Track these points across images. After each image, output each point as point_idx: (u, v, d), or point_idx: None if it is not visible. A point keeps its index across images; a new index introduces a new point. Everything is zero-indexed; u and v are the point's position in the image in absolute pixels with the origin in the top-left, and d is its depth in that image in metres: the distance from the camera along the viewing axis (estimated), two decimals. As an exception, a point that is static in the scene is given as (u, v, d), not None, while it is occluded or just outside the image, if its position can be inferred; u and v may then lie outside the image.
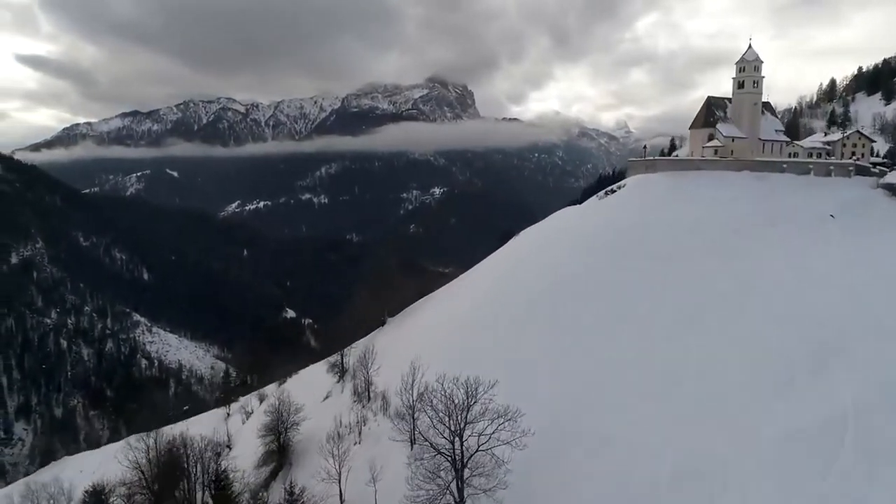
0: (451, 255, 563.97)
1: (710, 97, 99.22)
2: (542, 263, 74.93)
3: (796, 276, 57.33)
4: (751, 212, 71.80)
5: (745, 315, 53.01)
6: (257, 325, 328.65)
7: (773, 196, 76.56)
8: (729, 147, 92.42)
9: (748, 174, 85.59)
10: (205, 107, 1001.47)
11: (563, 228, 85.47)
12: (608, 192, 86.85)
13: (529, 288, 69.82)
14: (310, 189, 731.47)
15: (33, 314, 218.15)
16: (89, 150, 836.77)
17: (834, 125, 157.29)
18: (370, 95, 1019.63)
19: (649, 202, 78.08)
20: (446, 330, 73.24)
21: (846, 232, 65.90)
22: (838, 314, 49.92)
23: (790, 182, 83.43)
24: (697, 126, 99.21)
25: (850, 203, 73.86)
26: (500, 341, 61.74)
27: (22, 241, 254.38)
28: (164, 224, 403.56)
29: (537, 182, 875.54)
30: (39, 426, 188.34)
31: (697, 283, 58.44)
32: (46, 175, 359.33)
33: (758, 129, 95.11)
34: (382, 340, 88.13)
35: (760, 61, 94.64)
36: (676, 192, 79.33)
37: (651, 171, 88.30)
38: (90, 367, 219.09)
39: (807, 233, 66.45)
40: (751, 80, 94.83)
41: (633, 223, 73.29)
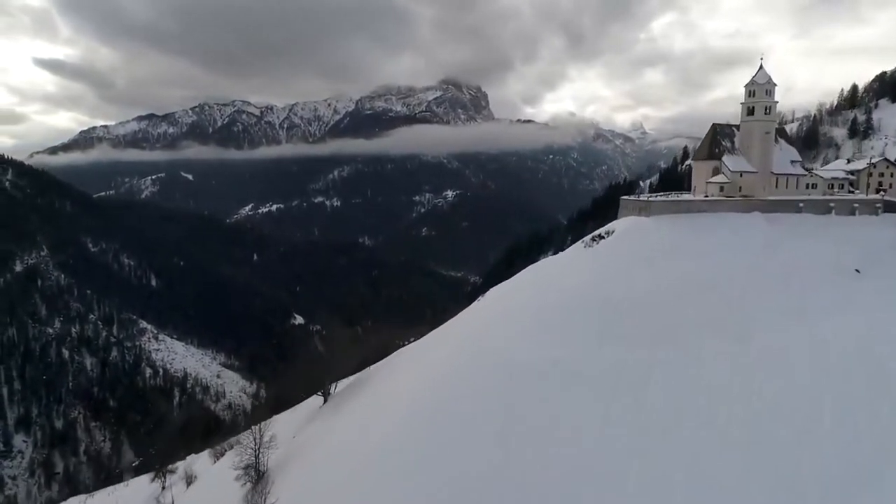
0: (463, 259, 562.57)
1: (716, 125, 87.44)
2: (499, 349, 53.24)
3: (813, 365, 45.81)
4: (760, 266, 61.35)
5: (750, 425, 41.11)
6: (265, 331, 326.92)
7: (788, 244, 66.04)
8: (736, 183, 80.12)
9: (759, 216, 74.72)
10: (219, 109, 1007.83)
11: (533, 294, 66.10)
12: (595, 239, 73.64)
13: (478, 389, 48.27)
14: (322, 192, 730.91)
15: (35, 323, 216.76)
16: (106, 152, 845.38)
17: (856, 135, 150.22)
18: (384, 97, 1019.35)
19: (639, 255, 64.47)
20: (372, 448, 48.95)
21: (875, 292, 56.45)
22: (871, 423, 39.14)
23: (808, 224, 72.85)
24: (701, 158, 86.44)
25: (879, 250, 64.77)
26: (433, 469, 41.27)
27: (27, 248, 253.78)
28: (174, 228, 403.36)
29: (552, 184, 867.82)
30: (39, 438, 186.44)
31: (690, 377, 45.68)
32: (57, 180, 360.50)
33: (770, 162, 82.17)
34: (309, 435, 64.02)
35: (773, 84, 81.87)
36: (673, 241, 66.74)
37: (644, 214, 74.25)
38: (93, 377, 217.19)
39: (828, 293, 56.39)
40: (762, 106, 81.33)
41: (617, 288, 58.57)
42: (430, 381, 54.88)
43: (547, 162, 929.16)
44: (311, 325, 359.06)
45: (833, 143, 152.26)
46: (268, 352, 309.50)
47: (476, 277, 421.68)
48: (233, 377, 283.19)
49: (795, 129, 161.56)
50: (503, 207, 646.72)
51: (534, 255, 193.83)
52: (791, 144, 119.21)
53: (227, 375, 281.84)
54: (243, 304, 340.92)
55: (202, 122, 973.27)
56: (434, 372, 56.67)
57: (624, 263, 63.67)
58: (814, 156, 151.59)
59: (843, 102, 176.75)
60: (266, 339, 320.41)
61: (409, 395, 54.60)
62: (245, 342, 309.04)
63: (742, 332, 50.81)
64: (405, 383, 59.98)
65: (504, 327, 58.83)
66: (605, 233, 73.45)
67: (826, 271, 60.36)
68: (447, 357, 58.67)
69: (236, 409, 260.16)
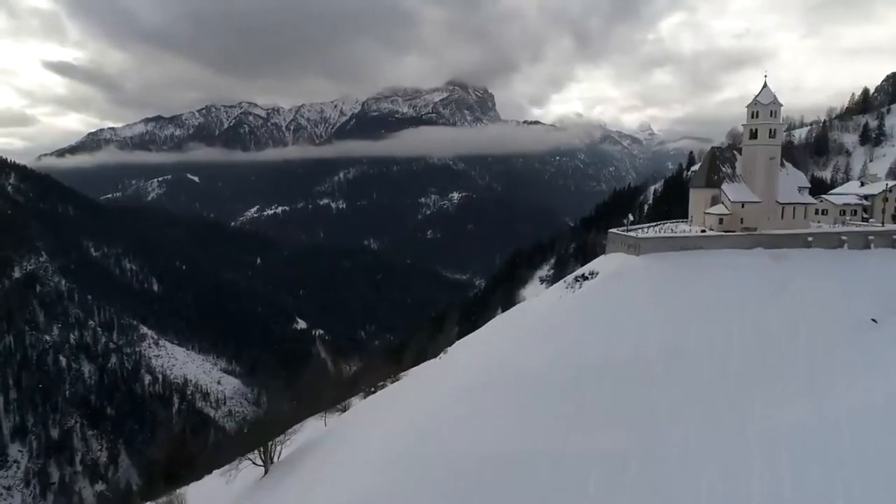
0: (469, 261, 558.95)
1: (714, 149, 79.01)
2: (443, 438, 43.81)
3: (822, 459, 36.52)
4: (763, 320, 52.64)
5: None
6: (266, 336, 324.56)
7: (795, 287, 57.55)
8: (738, 214, 71.77)
9: (762, 252, 66.40)
10: (226, 111, 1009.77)
11: (497, 360, 54.96)
12: (578, 279, 65.28)
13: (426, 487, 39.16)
14: (328, 194, 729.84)
15: (33, 330, 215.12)
16: (113, 155, 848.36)
17: (867, 141, 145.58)
18: (390, 99, 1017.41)
19: (624, 308, 54.85)
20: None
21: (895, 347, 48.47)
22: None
23: (817, 261, 64.78)
24: (698, 185, 77.79)
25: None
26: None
27: (26, 253, 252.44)
28: (176, 232, 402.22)
29: (558, 186, 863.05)
30: (35, 448, 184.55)
31: (670, 474, 36.59)
32: (59, 184, 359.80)
33: (775, 190, 73.76)
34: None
35: (778, 104, 73.50)
36: (664, 288, 57.71)
37: (633, 253, 65.89)
38: (91, 385, 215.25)
39: (840, 351, 48.31)
40: (766, 129, 72.95)
41: (594, 355, 48.95)
42: (368, 468, 45.17)
43: (554, 163, 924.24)
44: (313, 329, 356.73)
45: (843, 149, 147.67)
46: (269, 357, 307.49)
47: (481, 280, 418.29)
48: (233, 383, 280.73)
49: (805, 135, 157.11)
50: (509, 209, 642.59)
51: (536, 262, 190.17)
52: (798, 164, 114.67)
53: (228, 381, 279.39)
54: (245, 309, 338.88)
55: (209, 123, 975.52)
56: (374, 454, 47.86)
57: (605, 320, 53.99)
58: (824, 162, 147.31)
59: (854, 107, 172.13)
60: (268, 344, 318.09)
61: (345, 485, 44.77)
62: (246, 347, 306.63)
63: (738, 411, 42.44)
64: (340, 470, 49.54)
65: (456, 407, 48.06)
66: (589, 273, 66.01)
67: (838, 322, 52.51)
68: (385, 445, 48.71)
69: (236, 415, 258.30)
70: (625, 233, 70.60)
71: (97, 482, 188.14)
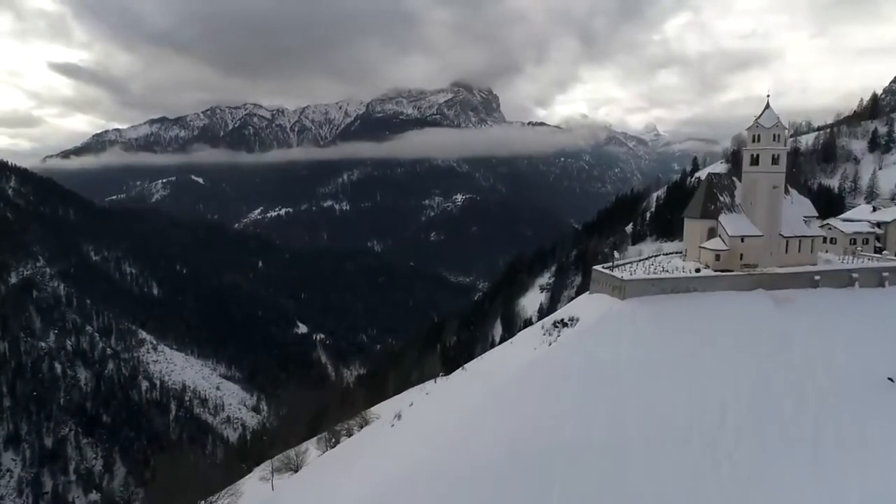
0: (472, 264, 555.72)
1: (712, 175, 72.54)
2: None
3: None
4: (763, 382, 45.67)
5: None
6: (267, 340, 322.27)
7: (800, 338, 50.48)
8: (737, 250, 64.45)
9: (763, 295, 59.15)
10: (231, 112, 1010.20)
11: (454, 433, 47.80)
12: (557, 325, 58.97)
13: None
14: (332, 196, 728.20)
15: (28, 337, 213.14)
16: (118, 156, 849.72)
17: (876, 148, 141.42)
18: (394, 100, 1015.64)
19: (603, 366, 48.42)
20: None
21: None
22: None
23: (825, 304, 58.01)
24: (693, 216, 70.16)
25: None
26: None
27: (24, 258, 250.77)
28: (178, 235, 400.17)
29: (563, 187, 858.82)
30: (28, 457, 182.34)
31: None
32: (61, 187, 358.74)
33: (779, 222, 66.32)
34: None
35: (783, 127, 66.56)
36: (649, 339, 50.93)
37: (619, 296, 58.77)
38: (87, 392, 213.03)
39: (852, 419, 41.86)
40: (768, 155, 65.24)
41: (564, 431, 42.11)
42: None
43: (558, 165, 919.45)
44: (314, 333, 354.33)
45: (852, 156, 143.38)
46: (269, 362, 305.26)
47: (484, 283, 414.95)
48: (233, 389, 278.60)
49: (812, 141, 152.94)
50: (513, 211, 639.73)
51: (536, 269, 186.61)
52: (805, 171, 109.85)
53: (227, 387, 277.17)
54: (246, 313, 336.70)
55: (213, 125, 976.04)
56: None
57: (580, 386, 46.76)
58: (831, 169, 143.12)
59: (863, 112, 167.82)
60: (268, 349, 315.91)
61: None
62: (246, 352, 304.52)
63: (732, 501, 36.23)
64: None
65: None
66: (569, 319, 59.68)
67: (850, 384, 45.93)
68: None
69: (234, 422, 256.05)
70: (610, 272, 62.89)
71: (91, 491, 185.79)
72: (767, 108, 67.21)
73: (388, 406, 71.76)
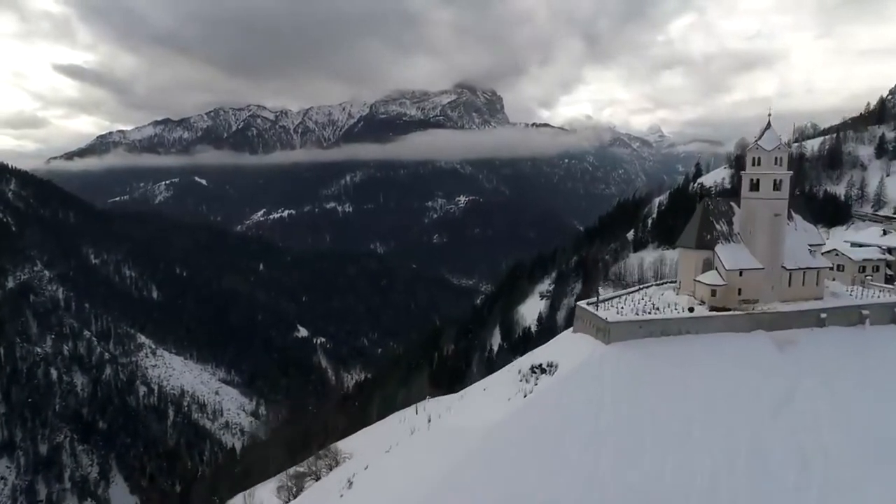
0: (475, 266, 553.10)
1: (707, 201, 66.24)
2: None
3: None
4: (761, 448, 40.02)
5: None
6: (267, 344, 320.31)
7: (803, 393, 44.85)
8: (735, 285, 58.17)
9: (765, 337, 53.15)
10: (234, 114, 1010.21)
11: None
12: (535, 371, 53.48)
13: None
14: (334, 197, 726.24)
15: (24, 342, 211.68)
16: (121, 158, 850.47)
17: (884, 154, 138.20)
18: (398, 101, 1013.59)
19: (581, 428, 42.97)
20: None
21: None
22: None
23: (832, 347, 52.32)
24: (687, 245, 63.98)
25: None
26: None
27: (21, 263, 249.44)
28: (179, 238, 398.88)
29: (567, 189, 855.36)
30: (23, 464, 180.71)
31: None
32: (61, 190, 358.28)
33: (781, 253, 60.20)
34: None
35: (786, 149, 61.37)
36: (634, 394, 45.40)
37: (603, 339, 52.75)
38: (83, 398, 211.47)
39: (867, 485, 36.85)
40: (770, 180, 59.31)
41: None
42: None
43: (562, 166, 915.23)
44: (315, 337, 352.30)
45: (858, 162, 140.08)
46: (269, 367, 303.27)
47: (487, 285, 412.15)
48: (231, 393, 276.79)
49: (817, 146, 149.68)
50: (517, 213, 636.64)
51: (537, 276, 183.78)
52: (810, 178, 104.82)
53: (226, 392, 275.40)
54: (246, 316, 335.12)
55: (217, 126, 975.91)
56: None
57: (554, 453, 41.30)
58: (837, 176, 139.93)
59: (869, 116, 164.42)
60: (268, 353, 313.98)
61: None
62: (246, 356, 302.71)
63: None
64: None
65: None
66: (547, 365, 54.28)
67: (861, 444, 40.45)
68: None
69: (233, 427, 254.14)
70: (594, 311, 56.79)
71: (86, 499, 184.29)
72: (769, 128, 62.42)
73: (366, 437, 67.94)
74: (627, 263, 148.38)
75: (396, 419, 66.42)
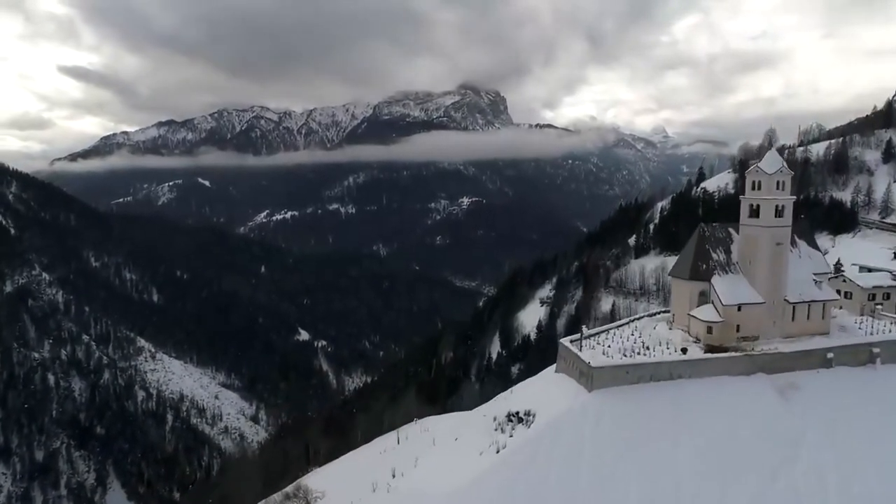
0: (477, 268, 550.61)
1: (703, 227, 59.73)
2: None
3: None
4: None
5: None
6: (267, 348, 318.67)
7: (808, 449, 40.28)
8: (732, 321, 53.23)
9: (765, 381, 48.32)
10: (238, 115, 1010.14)
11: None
12: (512, 419, 48.91)
13: None
14: (337, 199, 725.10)
15: (21, 347, 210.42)
16: (125, 159, 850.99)
17: (891, 159, 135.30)
18: (402, 102, 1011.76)
19: (556, 490, 39.03)
20: None
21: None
22: None
23: (841, 390, 47.71)
24: (681, 275, 58.97)
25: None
26: None
27: (19, 266, 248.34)
28: (180, 240, 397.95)
29: (571, 190, 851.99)
30: (18, 470, 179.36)
31: None
32: (62, 192, 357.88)
33: (783, 285, 55.01)
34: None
35: (788, 173, 56.02)
36: (620, 453, 40.48)
37: (586, 385, 47.98)
38: (81, 403, 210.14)
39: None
40: (771, 207, 54.31)
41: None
42: None
43: (566, 167, 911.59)
44: (316, 340, 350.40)
45: (865, 167, 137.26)
46: (269, 370, 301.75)
47: (489, 287, 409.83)
48: (231, 397, 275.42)
49: (822, 151, 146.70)
50: (520, 215, 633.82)
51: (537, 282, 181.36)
52: (815, 184, 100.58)
53: (226, 396, 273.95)
54: (247, 319, 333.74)
55: (221, 127, 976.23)
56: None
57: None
58: (843, 181, 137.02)
59: (876, 118, 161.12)
60: (268, 357, 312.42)
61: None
62: (246, 360, 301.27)
63: None
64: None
65: None
66: (524, 413, 49.37)
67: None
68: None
69: (233, 432, 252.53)
70: (577, 351, 51.74)
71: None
72: (770, 150, 59.15)
73: (345, 467, 64.99)
74: (629, 270, 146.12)
75: (379, 446, 63.57)
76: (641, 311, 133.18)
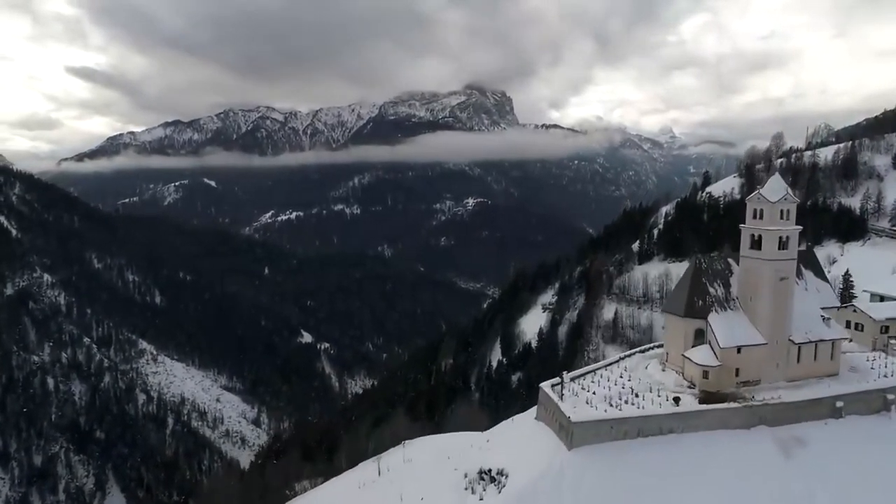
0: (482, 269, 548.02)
1: (699, 259, 54.83)
2: None
3: None
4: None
5: None
6: (270, 350, 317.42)
7: (819, 502, 36.44)
8: (731, 364, 48.43)
9: (766, 435, 43.41)
10: (244, 115, 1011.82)
11: None
12: (483, 478, 44.56)
13: None
14: (342, 199, 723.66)
15: (21, 351, 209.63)
16: (132, 159, 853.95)
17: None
18: (407, 103, 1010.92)
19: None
20: None
21: None
22: None
23: (852, 444, 42.81)
24: (675, 312, 53.84)
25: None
26: None
27: (20, 269, 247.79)
28: (183, 242, 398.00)
29: (577, 191, 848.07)
30: (17, 475, 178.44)
31: None
32: (66, 193, 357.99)
33: (788, 324, 49.79)
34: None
35: (793, 200, 50.88)
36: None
37: (565, 441, 43.25)
38: (81, 407, 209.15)
39: None
40: (774, 238, 49.21)
41: None
42: None
43: (572, 168, 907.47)
44: (318, 343, 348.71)
45: (875, 173, 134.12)
46: (271, 373, 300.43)
47: (494, 289, 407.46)
48: (233, 400, 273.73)
49: (831, 156, 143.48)
50: (525, 216, 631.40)
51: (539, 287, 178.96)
52: (824, 189, 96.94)
53: (228, 399, 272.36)
54: (250, 321, 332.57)
55: (227, 128, 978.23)
56: None
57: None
58: (852, 187, 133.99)
59: (885, 121, 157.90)
60: (271, 359, 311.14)
61: None
62: (248, 362, 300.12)
63: None
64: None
65: None
66: (497, 472, 44.73)
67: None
68: None
69: (234, 436, 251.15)
70: (558, 399, 46.27)
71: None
72: (774, 176, 54.04)
73: (324, 495, 62.70)
74: (632, 277, 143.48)
75: (359, 476, 60.49)
76: (644, 319, 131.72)
